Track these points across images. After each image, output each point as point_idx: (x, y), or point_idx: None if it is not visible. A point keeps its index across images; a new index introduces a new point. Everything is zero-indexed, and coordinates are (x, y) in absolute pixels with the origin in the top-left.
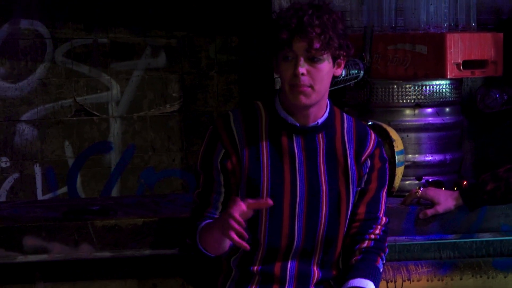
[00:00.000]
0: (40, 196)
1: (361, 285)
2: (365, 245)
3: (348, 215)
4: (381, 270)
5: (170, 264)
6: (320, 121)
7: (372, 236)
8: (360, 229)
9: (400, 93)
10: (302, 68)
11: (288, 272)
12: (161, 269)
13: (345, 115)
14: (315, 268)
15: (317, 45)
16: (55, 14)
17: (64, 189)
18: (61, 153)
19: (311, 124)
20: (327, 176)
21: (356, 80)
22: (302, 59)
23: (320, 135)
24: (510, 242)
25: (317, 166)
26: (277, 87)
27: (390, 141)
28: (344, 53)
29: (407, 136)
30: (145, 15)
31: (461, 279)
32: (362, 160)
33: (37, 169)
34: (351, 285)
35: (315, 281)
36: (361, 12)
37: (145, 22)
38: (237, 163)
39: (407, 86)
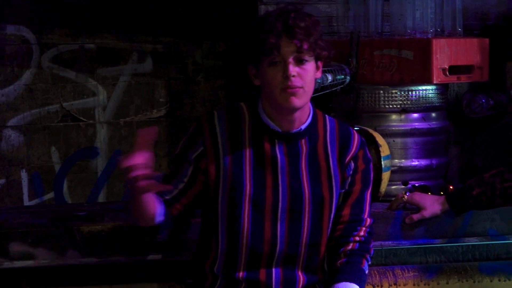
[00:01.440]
0: (26, 202)
1: None
2: (349, 247)
3: (331, 219)
4: (366, 272)
5: (157, 269)
6: (303, 127)
7: (357, 238)
8: (345, 232)
9: (386, 98)
10: (293, 70)
11: (273, 278)
12: (148, 275)
13: (327, 117)
14: (300, 273)
15: (305, 46)
16: (42, 20)
17: (50, 195)
18: (48, 159)
19: (294, 130)
20: (310, 181)
21: (342, 86)
22: (291, 60)
23: (303, 141)
24: (496, 246)
25: (299, 171)
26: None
27: (376, 146)
28: (327, 54)
29: (393, 141)
30: (131, 21)
31: (447, 283)
32: (345, 162)
33: (24, 175)
34: None
35: (301, 286)
36: (347, 18)
37: (131, 28)
38: (213, 164)
39: (393, 91)
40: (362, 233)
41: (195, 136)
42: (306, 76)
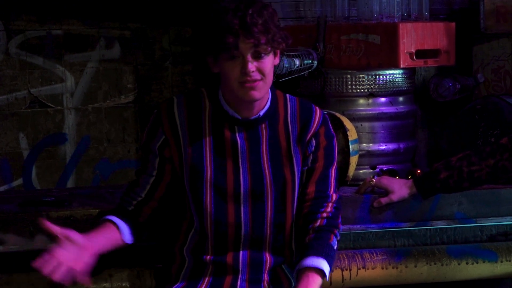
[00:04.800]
0: None
1: (314, 264)
2: (317, 224)
3: (295, 198)
4: (335, 247)
5: (126, 254)
6: (262, 112)
7: (324, 215)
8: (312, 208)
9: (353, 82)
10: (252, 66)
11: (240, 261)
12: (116, 259)
13: (288, 97)
14: (267, 255)
15: (263, 42)
16: (8, 6)
17: (19, 181)
18: (16, 145)
19: (253, 117)
20: (270, 163)
21: (310, 70)
22: (249, 57)
23: (263, 125)
24: (463, 229)
25: (260, 156)
26: None
27: (344, 131)
28: (285, 45)
29: (361, 125)
30: (98, 6)
31: (415, 266)
32: (306, 140)
33: None
34: (305, 265)
35: (268, 267)
36: (314, 2)
37: (98, 13)
38: (176, 151)
39: (361, 75)
40: (329, 209)
41: (155, 125)
42: (264, 68)
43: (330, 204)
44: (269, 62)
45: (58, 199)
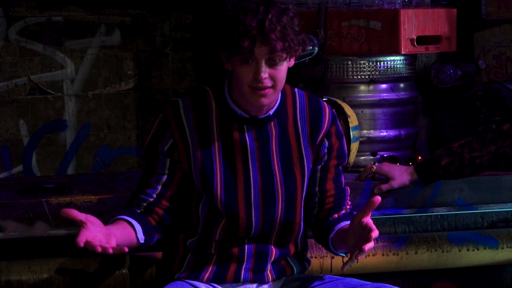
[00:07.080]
0: None
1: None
2: (343, 211)
3: (303, 196)
4: None
5: None
6: (271, 111)
7: (348, 207)
8: (336, 203)
9: (354, 69)
10: (265, 73)
11: (246, 252)
12: None
13: (297, 92)
14: (272, 247)
15: (279, 50)
16: None
17: (19, 168)
18: (16, 132)
19: (262, 116)
20: (280, 163)
21: (310, 57)
22: (263, 63)
23: (272, 123)
24: (464, 216)
25: (269, 154)
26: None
27: (345, 117)
28: (301, 50)
29: (362, 112)
30: None
31: (416, 253)
32: (318, 140)
33: None
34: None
35: (272, 259)
36: None
37: (99, 0)
38: (185, 155)
39: (362, 62)
40: (350, 203)
41: (162, 128)
42: (277, 75)
43: (348, 198)
44: (283, 69)
45: (58, 186)
